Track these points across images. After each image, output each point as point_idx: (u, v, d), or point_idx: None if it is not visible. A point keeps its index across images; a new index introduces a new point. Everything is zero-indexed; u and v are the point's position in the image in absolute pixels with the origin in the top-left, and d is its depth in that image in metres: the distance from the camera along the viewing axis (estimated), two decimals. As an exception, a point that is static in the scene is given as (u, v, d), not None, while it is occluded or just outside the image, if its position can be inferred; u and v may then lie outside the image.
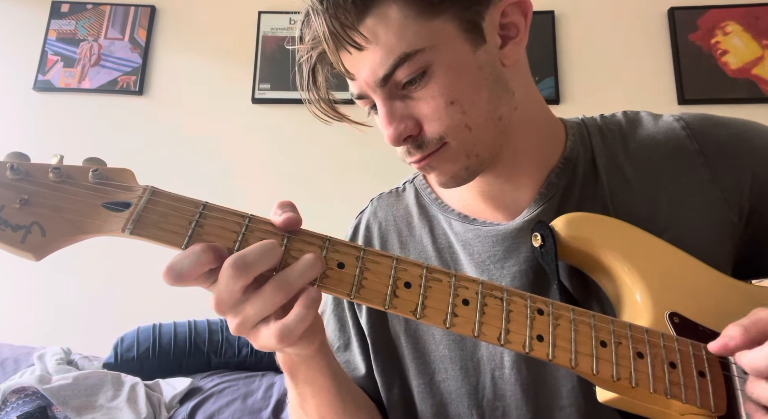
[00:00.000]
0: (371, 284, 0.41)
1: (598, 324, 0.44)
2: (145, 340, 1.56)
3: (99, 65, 2.07)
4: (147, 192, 0.41)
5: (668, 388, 0.43)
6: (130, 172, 0.44)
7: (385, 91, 0.51)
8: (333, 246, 0.42)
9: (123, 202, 0.41)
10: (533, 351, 0.41)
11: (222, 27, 2.13)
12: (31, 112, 2.04)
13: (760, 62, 1.98)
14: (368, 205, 0.72)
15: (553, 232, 0.52)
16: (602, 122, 0.62)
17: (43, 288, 1.88)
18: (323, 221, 2.15)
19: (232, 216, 0.42)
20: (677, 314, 0.48)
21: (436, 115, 0.50)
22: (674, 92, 1.99)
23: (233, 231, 0.41)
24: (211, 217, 0.41)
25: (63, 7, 2.14)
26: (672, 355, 0.44)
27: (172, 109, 2.06)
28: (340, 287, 0.41)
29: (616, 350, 0.43)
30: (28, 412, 1.23)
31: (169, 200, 0.41)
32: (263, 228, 0.42)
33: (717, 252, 0.54)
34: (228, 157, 2.00)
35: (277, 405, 1.43)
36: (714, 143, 0.56)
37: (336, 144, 2.02)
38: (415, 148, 0.52)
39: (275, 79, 2.05)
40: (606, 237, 0.52)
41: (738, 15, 2.04)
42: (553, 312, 0.43)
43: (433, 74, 0.49)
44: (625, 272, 0.50)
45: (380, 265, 0.42)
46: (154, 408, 1.36)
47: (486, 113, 0.52)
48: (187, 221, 0.41)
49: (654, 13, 2.08)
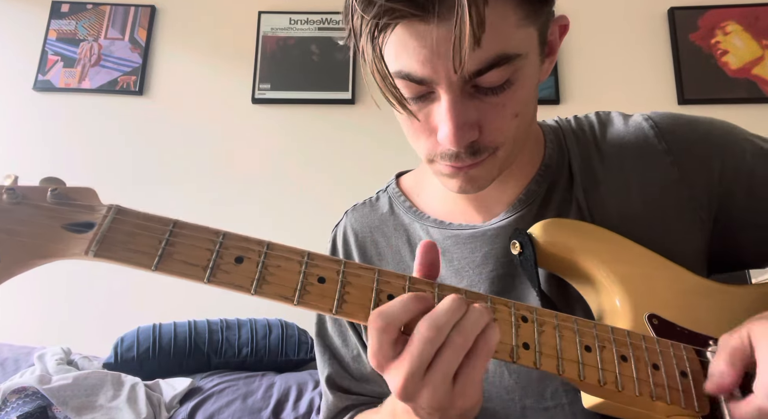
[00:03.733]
0: (354, 298, 0.40)
1: (582, 328, 0.44)
2: (145, 340, 1.56)
3: (99, 65, 2.07)
4: (111, 211, 0.39)
5: (653, 390, 0.43)
6: (92, 191, 0.41)
7: (461, 87, 0.45)
8: (312, 261, 0.41)
9: (85, 222, 0.38)
10: (520, 360, 0.41)
11: (222, 27, 2.13)
12: (31, 112, 2.04)
13: (760, 62, 1.98)
14: (343, 217, 0.71)
15: (532, 240, 0.52)
16: (576, 124, 0.63)
17: (43, 288, 1.88)
18: (324, 221, 2.15)
19: (204, 233, 0.40)
20: (655, 315, 0.49)
21: (501, 124, 0.47)
22: (674, 92, 1.99)
23: (207, 249, 0.39)
24: (182, 235, 0.39)
25: (63, 7, 2.13)
26: (654, 357, 0.45)
27: (172, 109, 2.06)
28: (322, 302, 0.39)
29: (600, 354, 0.43)
30: (28, 412, 1.23)
31: (136, 219, 0.39)
32: (238, 245, 0.40)
33: (689, 249, 0.55)
34: (228, 157, 2.00)
35: (277, 405, 1.43)
36: (681, 142, 0.57)
37: (336, 144, 2.02)
38: (470, 154, 0.48)
39: (275, 79, 2.05)
40: (583, 242, 0.52)
41: (738, 15, 2.04)
42: (537, 319, 0.43)
43: (515, 83, 0.46)
44: (603, 276, 0.51)
45: (362, 278, 0.41)
46: (154, 408, 1.36)
47: (528, 127, 0.52)
48: (156, 240, 0.38)
49: (654, 13, 2.08)
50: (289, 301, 0.39)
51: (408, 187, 0.69)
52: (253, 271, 0.39)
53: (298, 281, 0.40)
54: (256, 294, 0.39)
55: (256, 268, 0.39)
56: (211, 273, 0.38)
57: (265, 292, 0.39)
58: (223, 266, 0.39)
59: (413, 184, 0.69)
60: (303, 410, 1.43)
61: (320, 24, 2.10)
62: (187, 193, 1.97)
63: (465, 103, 0.46)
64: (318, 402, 1.45)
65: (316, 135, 2.03)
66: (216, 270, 0.39)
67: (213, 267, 0.38)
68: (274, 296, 0.39)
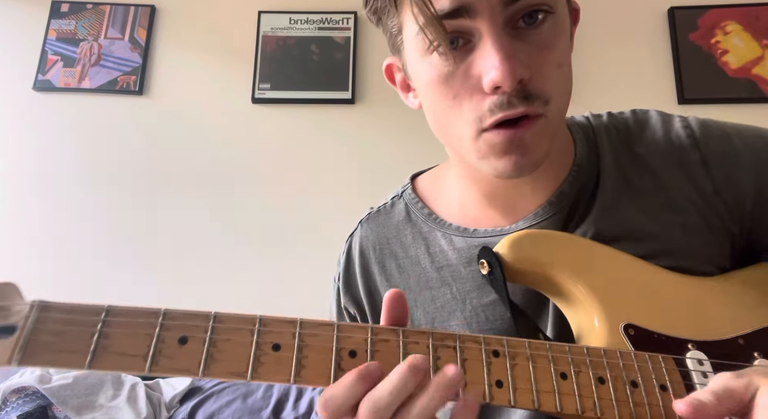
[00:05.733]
0: (312, 362, 0.37)
1: (556, 355, 0.43)
2: (145, 340, 1.56)
3: (99, 65, 2.07)
4: (35, 309, 0.35)
5: (633, 411, 0.42)
6: (12, 286, 0.37)
7: (503, 22, 0.43)
8: (265, 327, 0.37)
9: (6, 326, 0.34)
10: (494, 400, 0.39)
11: (222, 27, 2.13)
12: (31, 112, 2.04)
13: (760, 62, 1.98)
14: (357, 227, 0.66)
15: (499, 258, 0.50)
16: (609, 121, 0.60)
17: (43, 288, 1.88)
18: (324, 222, 2.16)
19: (143, 316, 0.36)
20: (632, 325, 0.47)
21: (548, 70, 0.45)
22: (674, 92, 1.99)
23: (146, 334, 0.35)
24: (116, 324, 0.35)
25: (63, 6, 2.13)
26: (632, 374, 0.43)
27: (172, 109, 2.06)
28: (279, 374, 0.36)
29: (576, 380, 0.42)
30: (28, 412, 1.23)
31: (62, 314, 0.35)
32: (181, 324, 0.36)
33: (715, 260, 0.54)
34: (228, 157, 2.00)
35: (277, 405, 1.44)
36: (717, 154, 0.55)
37: (336, 144, 2.02)
38: (521, 99, 0.44)
39: (275, 78, 2.05)
40: (552, 254, 0.51)
41: (738, 15, 2.04)
42: (508, 352, 0.41)
43: (551, 21, 0.44)
44: (575, 288, 0.49)
45: (320, 338, 0.38)
46: (154, 407, 1.36)
47: (569, 92, 0.48)
48: (88, 334, 0.35)
49: (654, 13, 2.08)
50: (242, 377, 0.36)
51: (424, 189, 0.65)
52: (199, 351, 0.36)
53: (251, 353, 0.36)
54: (204, 376, 0.35)
55: (202, 348, 0.36)
56: (153, 361, 0.35)
57: (214, 372, 0.35)
58: (165, 351, 0.35)
59: (430, 187, 0.64)
60: (303, 410, 1.43)
61: (320, 24, 2.10)
62: (187, 193, 1.97)
63: (510, 40, 0.43)
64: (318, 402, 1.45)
65: (316, 135, 2.03)
66: (158, 356, 0.35)
67: (154, 354, 0.35)
68: (225, 375, 0.36)
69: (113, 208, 1.95)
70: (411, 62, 0.51)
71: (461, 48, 0.45)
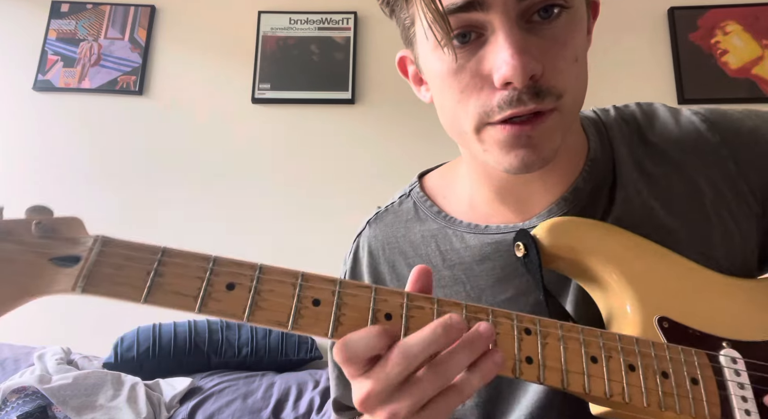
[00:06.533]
0: (350, 320, 0.39)
1: (587, 338, 0.43)
2: (145, 340, 1.56)
3: (99, 65, 2.07)
4: (97, 243, 0.38)
5: (662, 400, 0.42)
6: (78, 220, 0.40)
7: (517, 14, 0.42)
8: (306, 282, 0.39)
9: (71, 256, 0.37)
10: (523, 375, 0.40)
11: (222, 27, 2.13)
12: (31, 112, 2.04)
13: (760, 62, 1.98)
14: (365, 227, 0.65)
15: (536, 241, 0.50)
16: (617, 114, 0.59)
17: (43, 288, 1.88)
18: (324, 222, 2.15)
19: (194, 260, 0.38)
20: (666, 318, 0.47)
21: (563, 65, 0.43)
22: (674, 92, 1.99)
23: (197, 277, 0.38)
24: (171, 264, 0.38)
25: (63, 6, 2.13)
26: (663, 364, 0.43)
27: (172, 109, 2.06)
28: (317, 327, 0.38)
29: (607, 365, 0.42)
30: (28, 412, 1.23)
31: (122, 249, 0.38)
32: (229, 271, 0.39)
33: (745, 244, 0.53)
34: (228, 157, 2.00)
35: (277, 405, 1.44)
36: (736, 137, 0.54)
37: (336, 144, 2.02)
38: (532, 96, 0.42)
39: (275, 79, 2.05)
40: (590, 242, 0.50)
41: (738, 15, 2.04)
42: (540, 331, 0.42)
43: (566, 15, 0.43)
44: (610, 277, 0.49)
45: (358, 298, 0.40)
46: (154, 407, 1.36)
47: (584, 88, 0.48)
48: (144, 272, 0.37)
49: (654, 13, 2.09)
50: (284, 326, 0.38)
51: (433, 187, 0.64)
52: (245, 298, 0.38)
53: (292, 305, 0.38)
54: (249, 322, 0.38)
55: (248, 295, 0.38)
56: (202, 302, 0.37)
57: (257, 319, 0.38)
58: (215, 294, 0.38)
59: (439, 184, 0.63)
60: (303, 410, 1.43)
61: (320, 24, 2.10)
62: (187, 193, 1.97)
63: (523, 34, 0.42)
64: (318, 401, 1.45)
65: (316, 135, 2.03)
66: (207, 299, 0.38)
67: (204, 296, 0.37)
68: (267, 322, 0.38)
69: (113, 208, 1.95)
70: (422, 55, 0.50)
71: (473, 42, 0.44)
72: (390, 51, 0.57)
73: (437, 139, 0.55)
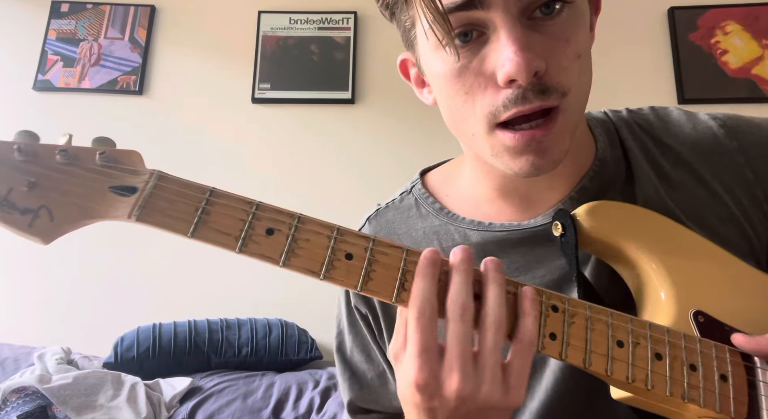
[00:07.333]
0: (379, 276, 0.40)
1: (616, 323, 0.42)
2: (145, 340, 1.56)
3: (99, 65, 2.07)
4: (154, 177, 0.41)
5: (686, 392, 0.41)
6: (137, 154, 0.43)
7: (518, 10, 0.42)
8: (341, 237, 0.41)
9: (129, 186, 0.40)
10: (545, 349, 0.40)
11: (222, 27, 2.13)
12: (31, 112, 2.04)
13: (760, 62, 1.98)
14: (365, 223, 0.64)
15: (575, 221, 0.48)
16: (629, 116, 0.58)
17: (43, 288, 1.88)
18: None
19: (239, 203, 0.41)
20: (702, 313, 0.46)
21: (566, 62, 0.43)
22: (674, 92, 1.99)
23: (240, 219, 0.40)
24: (217, 204, 0.41)
25: (63, 6, 2.13)
26: (693, 357, 0.42)
27: (172, 109, 2.06)
28: (348, 278, 0.40)
29: (633, 351, 0.41)
30: (28, 412, 1.23)
31: (175, 186, 0.41)
32: (270, 217, 0.41)
33: (759, 250, 0.53)
34: (228, 157, 2.00)
35: (277, 405, 1.44)
36: (753, 143, 0.54)
37: (336, 144, 2.02)
38: (537, 93, 0.42)
39: (275, 78, 2.05)
40: (631, 227, 0.49)
41: (738, 15, 2.04)
42: (568, 310, 0.42)
43: (568, 11, 0.43)
44: (649, 266, 0.47)
45: (389, 257, 0.41)
46: (154, 407, 1.36)
47: (588, 84, 0.47)
48: (193, 208, 0.40)
49: (654, 13, 2.08)
50: (316, 275, 0.40)
51: (435, 185, 0.63)
52: (282, 244, 0.40)
53: (326, 256, 0.40)
54: (284, 267, 0.39)
55: (285, 241, 0.40)
56: (243, 243, 0.40)
57: (292, 265, 0.40)
58: (255, 237, 0.40)
59: (441, 182, 0.63)
60: (303, 410, 1.43)
61: (320, 24, 2.10)
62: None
63: (525, 31, 0.42)
64: (318, 401, 1.45)
65: (316, 135, 2.03)
66: (247, 240, 0.40)
67: (245, 237, 0.40)
68: (301, 269, 0.40)
69: (113, 207, 1.95)
70: (424, 57, 0.50)
71: (475, 40, 0.43)
72: (390, 51, 0.57)
73: (437, 139, 0.54)
